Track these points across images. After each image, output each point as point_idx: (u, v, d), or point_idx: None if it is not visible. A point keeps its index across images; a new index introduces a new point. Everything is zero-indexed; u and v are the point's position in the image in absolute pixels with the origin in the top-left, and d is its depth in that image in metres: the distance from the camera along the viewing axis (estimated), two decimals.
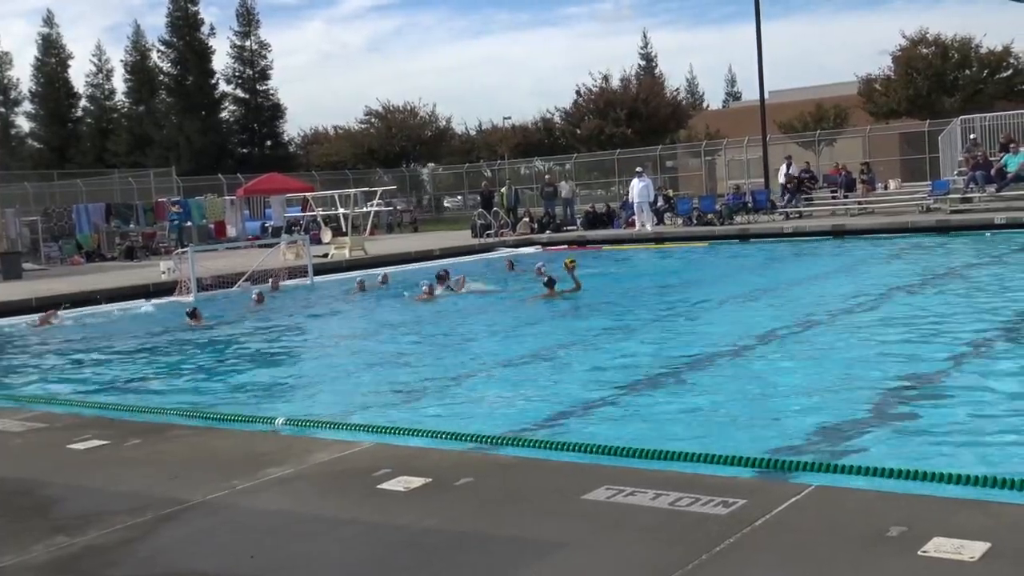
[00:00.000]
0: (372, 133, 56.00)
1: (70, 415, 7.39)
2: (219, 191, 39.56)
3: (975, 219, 22.98)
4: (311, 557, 3.96)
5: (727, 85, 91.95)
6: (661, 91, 53.09)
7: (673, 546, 3.75)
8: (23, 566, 4.04)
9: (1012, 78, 43.10)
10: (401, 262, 23.46)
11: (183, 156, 55.21)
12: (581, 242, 27.31)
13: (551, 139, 55.08)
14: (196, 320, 14.39)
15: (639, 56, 71.34)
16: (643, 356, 10.16)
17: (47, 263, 28.82)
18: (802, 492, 4.31)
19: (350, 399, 8.86)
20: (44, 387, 10.33)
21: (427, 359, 10.84)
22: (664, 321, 12.79)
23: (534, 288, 15.67)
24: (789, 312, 12.76)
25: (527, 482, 4.79)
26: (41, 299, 17.69)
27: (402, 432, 6.54)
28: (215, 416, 7.45)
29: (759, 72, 30.68)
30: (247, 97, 63.59)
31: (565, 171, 43.63)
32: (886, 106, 43.79)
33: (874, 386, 7.93)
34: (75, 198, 36.94)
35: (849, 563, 3.49)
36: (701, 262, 21.59)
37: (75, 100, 65.42)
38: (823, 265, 18.79)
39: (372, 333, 13.33)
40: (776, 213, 28.20)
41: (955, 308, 12.09)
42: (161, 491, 4.95)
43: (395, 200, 43.44)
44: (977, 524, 3.73)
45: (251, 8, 63.53)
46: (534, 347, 11.06)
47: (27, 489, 5.26)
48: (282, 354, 12.22)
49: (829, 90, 50.10)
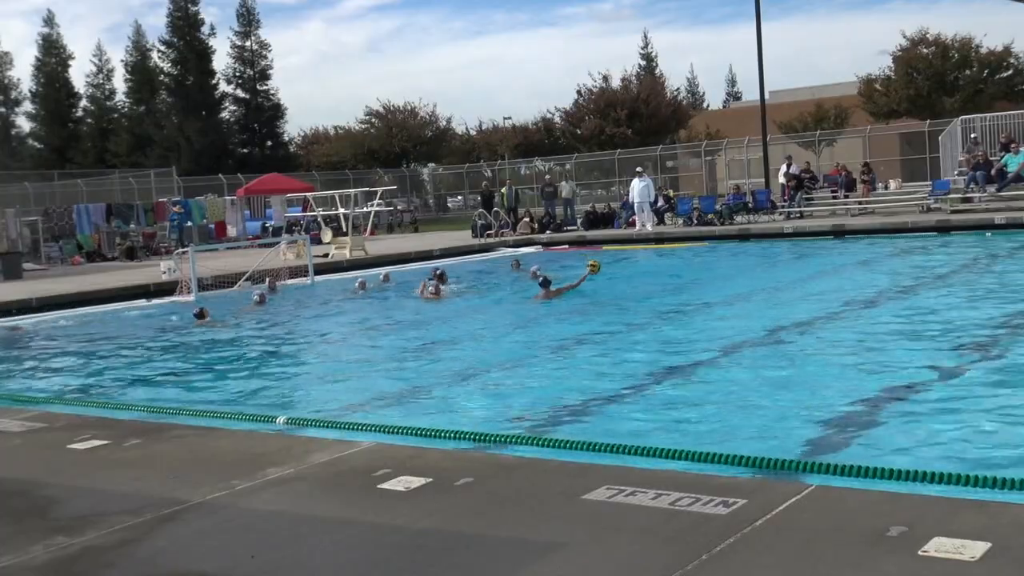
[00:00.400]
0: (372, 133, 56.04)
1: (70, 415, 7.37)
2: (219, 191, 39.58)
3: (975, 219, 22.98)
4: (311, 557, 3.96)
5: (727, 85, 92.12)
6: (661, 91, 53.11)
7: (674, 546, 3.75)
8: (22, 567, 4.03)
9: (1012, 78, 43.13)
10: (401, 262, 23.47)
11: (183, 156, 55.25)
12: (581, 242, 27.31)
13: (551, 139, 55.09)
14: (204, 319, 14.39)
15: (639, 56, 71.35)
16: (643, 356, 10.16)
17: (47, 263, 28.81)
18: (802, 492, 4.30)
19: (350, 399, 8.85)
20: (44, 387, 10.33)
21: (427, 358, 10.84)
22: (664, 321, 12.78)
23: (533, 289, 15.66)
24: (789, 312, 12.76)
25: (527, 482, 4.78)
26: (41, 299, 17.72)
27: (402, 432, 6.54)
28: (215, 416, 7.44)
29: (759, 72, 30.67)
30: (247, 97, 63.68)
31: (565, 171, 43.64)
32: (886, 106, 43.81)
33: (874, 386, 7.92)
34: (75, 198, 36.97)
35: (849, 563, 3.48)
36: (701, 262, 21.58)
37: (75, 100, 65.48)
38: (823, 265, 18.77)
39: (372, 332, 13.32)
40: (776, 213, 28.20)
41: (956, 308, 12.09)
42: (161, 491, 4.95)
43: (395, 200, 43.45)
44: (978, 524, 3.72)
45: (251, 8, 63.72)
46: (534, 347, 11.06)
47: (26, 489, 5.25)
48: (282, 354, 12.22)
49: (829, 90, 50.15)
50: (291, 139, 65.43)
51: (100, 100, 65.60)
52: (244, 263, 20.14)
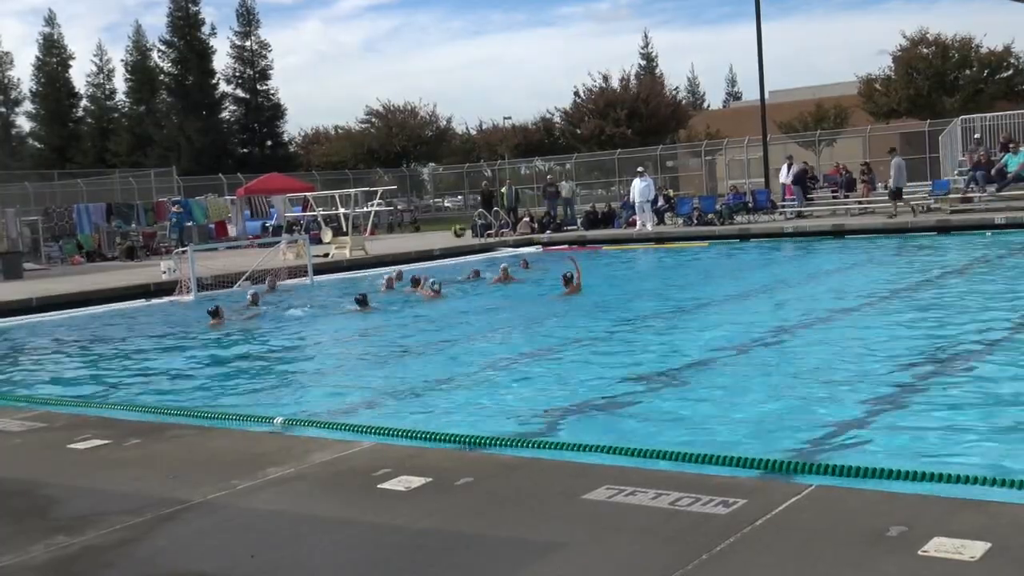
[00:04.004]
0: (372, 133, 56.01)
1: (70, 415, 7.37)
2: (219, 191, 39.58)
3: (975, 219, 22.97)
4: (311, 557, 3.96)
5: (727, 85, 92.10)
6: (661, 91, 53.09)
7: (673, 546, 3.75)
8: (22, 566, 4.03)
9: (1012, 78, 43.09)
10: (402, 262, 23.44)
11: (183, 156, 55.26)
12: (581, 242, 27.30)
13: (551, 139, 55.07)
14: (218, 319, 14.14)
15: (640, 56, 71.32)
16: (643, 356, 10.15)
17: (48, 263, 28.81)
18: (802, 492, 4.30)
19: (350, 399, 8.86)
20: (44, 387, 10.33)
21: (427, 358, 10.84)
22: (665, 321, 12.78)
23: (534, 288, 15.68)
24: (789, 312, 12.77)
25: (527, 482, 4.78)
26: (41, 299, 17.72)
27: (402, 433, 6.53)
28: (215, 416, 7.44)
29: (759, 72, 30.67)
30: (247, 97, 63.70)
31: (565, 171, 43.63)
32: (886, 106, 43.78)
33: (874, 386, 7.93)
34: (76, 198, 36.98)
35: (849, 563, 3.48)
36: (702, 262, 21.57)
37: (76, 100, 65.46)
38: (823, 265, 18.77)
39: (373, 332, 13.32)
40: (776, 213, 28.20)
41: (956, 308, 12.09)
42: (161, 491, 4.95)
43: (395, 200, 43.43)
44: (977, 524, 3.72)
45: (251, 8, 63.72)
46: (535, 347, 11.06)
47: (27, 489, 5.25)
48: (282, 354, 12.21)
49: (829, 90, 50.12)
50: (291, 139, 65.51)
51: (100, 100, 65.59)
52: (244, 263, 20.13)
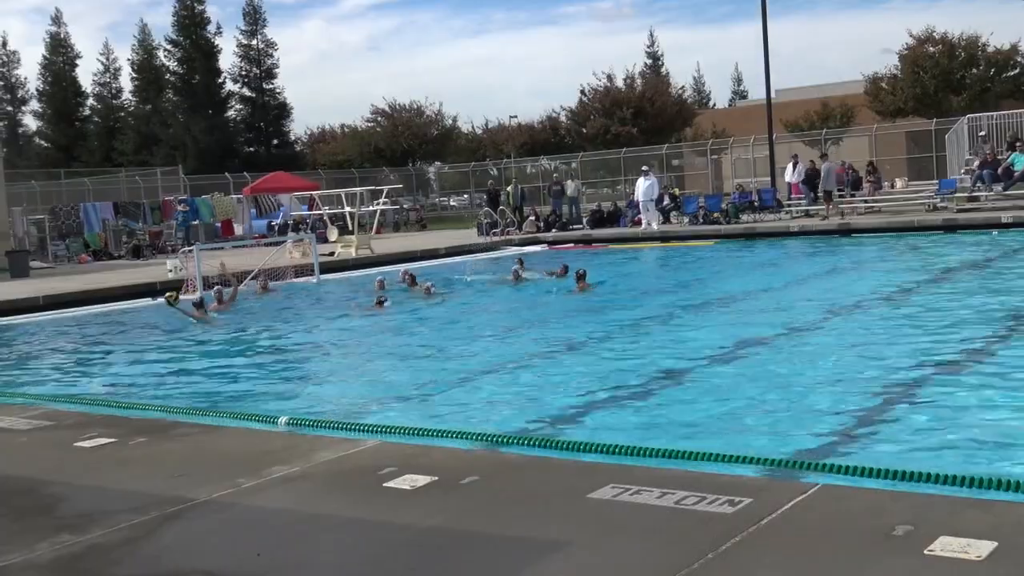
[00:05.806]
0: (378, 132, 56.01)
1: (76, 413, 7.38)
2: (225, 190, 39.60)
3: (982, 218, 22.93)
4: (316, 555, 3.96)
5: (733, 84, 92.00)
6: (666, 90, 53.00)
7: (679, 545, 3.74)
8: (28, 564, 4.04)
9: (1019, 77, 42.95)
10: (408, 260, 23.44)
11: (190, 155, 55.32)
12: (587, 240, 27.29)
13: (557, 138, 55.04)
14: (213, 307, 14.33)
15: (645, 55, 71.25)
16: (649, 355, 10.14)
17: (54, 261, 28.87)
18: (808, 491, 4.29)
19: (355, 397, 8.86)
20: (50, 385, 10.35)
21: (432, 357, 10.83)
22: (670, 320, 12.76)
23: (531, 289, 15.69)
24: (795, 311, 12.73)
25: (533, 481, 4.78)
26: (48, 297, 17.76)
27: (407, 431, 6.53)
28: (220, 414, 7.44)
29: (765, 71, 30.69)
30: (253, 96, 63.68)
31: (571, 170, 43.60)
32: (892, 105, 43.66)
33: (880, 385, 7.91)
34: (82, 197, 37.07)
35: (855, 562, 3.47)
36: (707, 261, 21.55)
37: (82, 99, 65.60)
38: (829, 264, 18.74)
39: (378, 331, 13.32)
40: (783, 212, 28.16)
41: (962, 307, 12.04)
42: (166, 489, 4.95)
43: (401, 199, 43.44)
44: (984, 523, 3.71)
45: (257, 6, 63.70)
46: (540, 346, 11.05)
47: (32, 487, 5.26)
48: (287, 352, 12.22)
49: (835, 89, 50.02)
50: (297, 138, 65.55)
51: (107, 99, 65.73)
52: (250, 261, 20.14)
